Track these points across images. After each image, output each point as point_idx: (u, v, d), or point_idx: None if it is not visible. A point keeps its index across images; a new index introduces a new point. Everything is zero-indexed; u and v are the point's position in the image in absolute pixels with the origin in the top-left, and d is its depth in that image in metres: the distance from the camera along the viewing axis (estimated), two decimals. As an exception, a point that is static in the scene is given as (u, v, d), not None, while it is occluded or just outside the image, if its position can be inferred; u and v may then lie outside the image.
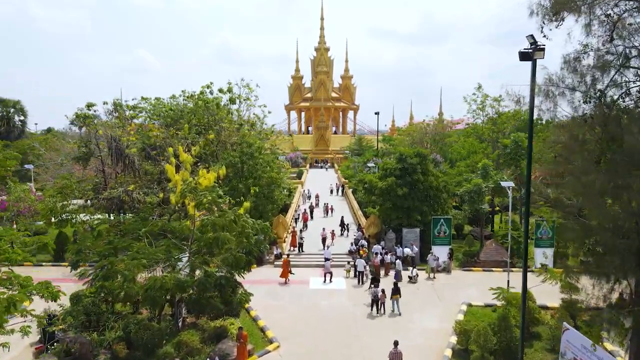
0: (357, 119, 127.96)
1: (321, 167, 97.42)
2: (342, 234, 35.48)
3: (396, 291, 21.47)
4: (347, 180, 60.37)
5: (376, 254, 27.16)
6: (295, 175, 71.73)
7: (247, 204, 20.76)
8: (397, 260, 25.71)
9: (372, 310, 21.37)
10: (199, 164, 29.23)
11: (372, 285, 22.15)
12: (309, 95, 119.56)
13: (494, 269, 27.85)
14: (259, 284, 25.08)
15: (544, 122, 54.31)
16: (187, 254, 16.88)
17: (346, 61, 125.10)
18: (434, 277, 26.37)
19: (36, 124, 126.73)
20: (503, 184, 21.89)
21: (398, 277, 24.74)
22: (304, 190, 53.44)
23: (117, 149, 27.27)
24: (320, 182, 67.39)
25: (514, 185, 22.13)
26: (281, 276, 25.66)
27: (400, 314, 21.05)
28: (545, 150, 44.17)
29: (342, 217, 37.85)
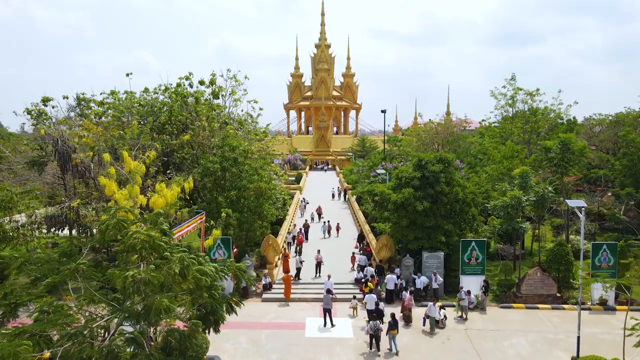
0: (359, 119, 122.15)
1: (322, 169, 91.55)
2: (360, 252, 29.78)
3: (394, 326, 17.21)
4: (349, 185, 54.59)
5: (400, 290, 21.34)
6: (293, 178, 66.03)
7: (217, 232, 15.07)
8: (431, 304, 19.37)
9: (370, 348, 17.45)
10: (168, 172, 23.46)
11: (370, 319, 17.93)
12: (309, 93, 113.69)
13: (539, 305, 21.99)
14: (240, 328, 19.23)
15: (571, 119, 48.29)
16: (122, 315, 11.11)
17: (348, 58, 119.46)
18: (466, 318, 20.55)
19: (24, 123, 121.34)
20: (570, 203, 15.99)
21: (432, 325, 19.00)
22: (301, 199, 47.03)
23: (63, 152, 21.49)
24: (321, 187, 61.44)
25: (585, 205, 16.23)
26: (285, 296, 22.79)
27: (397, 354, 17.15)
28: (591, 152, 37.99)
29: (362, 231, 32.15)
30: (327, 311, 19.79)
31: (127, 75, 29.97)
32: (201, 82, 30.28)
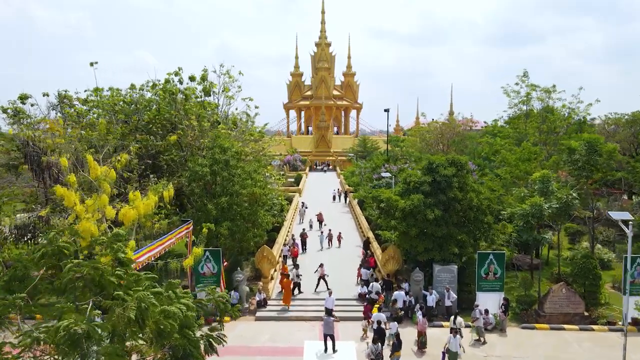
0: (359, 119, 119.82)
1: (322, 170, 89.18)
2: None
3: (398, 347, 15.44)
4: (351, 188, 52.28)
5: (408, 307, 18.94)
6: (292, 180, 63.73)
7: (198, 250, 12.85)
8: (451, 336, 16.04)
9: None
10: (152, 176, 21.20)
11: (373, 341, 15.82)
12: (309, 93, 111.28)
13: (564, 325, 19.72)
14: (230, 354, 16.78)
15: (581, 118, 45.87)
16: None
17: (348, 57, 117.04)
18: (484, 342, 18.28)
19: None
20: (613, 215, 13.74)
21: (452, 357, 16.06)
22: (300, 203, 44.51)
23: (33, 155, 19.25)
24: (321, 189, 59.08)
25: (632, 217, 13.93)
26: (284, 302, 21.42)
27: None
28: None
29: (367, 237, 29.49)
30: (328, 336, 17.49)
31: (92, 64, 27.61)
32: (191, 78, 27.93)
